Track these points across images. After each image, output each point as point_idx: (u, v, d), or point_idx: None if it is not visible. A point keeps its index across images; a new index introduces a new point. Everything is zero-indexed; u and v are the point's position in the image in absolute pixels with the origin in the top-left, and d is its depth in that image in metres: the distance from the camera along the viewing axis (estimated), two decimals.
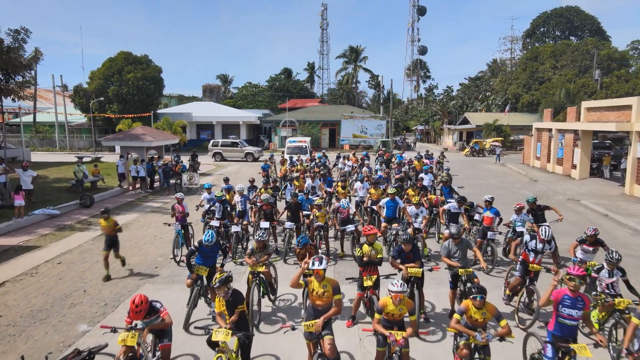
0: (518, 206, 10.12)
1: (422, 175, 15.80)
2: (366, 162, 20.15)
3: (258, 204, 11.63)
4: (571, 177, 24.66)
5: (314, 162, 21.97)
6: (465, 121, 51.49)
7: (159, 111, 45.61)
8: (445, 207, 10.61)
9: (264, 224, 10.66)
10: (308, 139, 32.27)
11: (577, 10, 58.95)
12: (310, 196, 13.33)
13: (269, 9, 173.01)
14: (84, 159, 32.07)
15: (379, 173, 18.17)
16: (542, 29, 62.00)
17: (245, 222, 11.17)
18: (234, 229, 10.50)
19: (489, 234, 9.73)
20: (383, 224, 10.51)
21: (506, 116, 45.25)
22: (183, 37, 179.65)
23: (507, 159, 36.13)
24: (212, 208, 11.13)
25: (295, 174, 16.92)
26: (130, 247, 11.80)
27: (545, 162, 28.68)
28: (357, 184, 13.88)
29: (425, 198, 12.56)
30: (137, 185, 20.27)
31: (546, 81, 48.34)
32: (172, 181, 20.92)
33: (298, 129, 45.34)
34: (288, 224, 10.61)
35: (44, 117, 47.03)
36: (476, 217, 11.10)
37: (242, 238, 11.03)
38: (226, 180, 13.99)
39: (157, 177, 20.75)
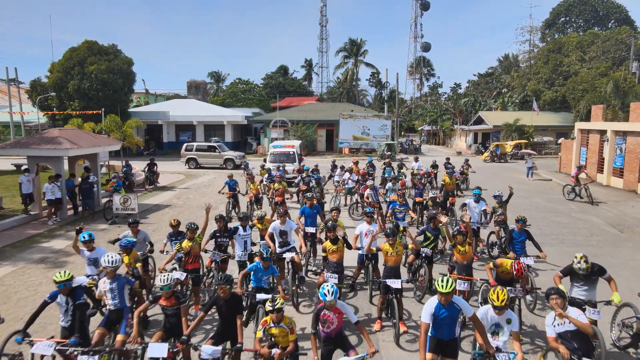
0: None
1: (470, 203, 9.85)
2: (369, 182, 13.57)
3: (157, 289, 5.62)
4: (638, 194, 18.86)
5: (300, 177, 16.13)
6: (480, 121, 45.53)
7: (130, 110, 39.91)
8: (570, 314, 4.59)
9: (156, 349, 4.75)
10: (297, 142, 26.29)
11: None
12: (278, 251, 7.58)
13: (267, 5, 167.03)
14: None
15: (390, 196, 12.30)
16: (563, 19, 55.90)
17: (121, 339, 5.21)
18: None
19: None
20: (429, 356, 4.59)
21: (535, 115, 39.59)
22: (177, 35, 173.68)
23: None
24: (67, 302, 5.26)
25: (268, 208, 10.93)
26: None
27: (595, 172, 22.76)
28: (364, 226, 8.10)
29: (490, 266, 6.74)
30: (52, 210, 14.44)
31: (572, 75, 42.36)
32: (104, 201, 15.10)
33: (290, 129, 39.45)
34: (206, 352, 4.71)
35: (1, 116, 41.15)
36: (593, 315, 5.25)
37: None
38: (134, 223, 7.99)
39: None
